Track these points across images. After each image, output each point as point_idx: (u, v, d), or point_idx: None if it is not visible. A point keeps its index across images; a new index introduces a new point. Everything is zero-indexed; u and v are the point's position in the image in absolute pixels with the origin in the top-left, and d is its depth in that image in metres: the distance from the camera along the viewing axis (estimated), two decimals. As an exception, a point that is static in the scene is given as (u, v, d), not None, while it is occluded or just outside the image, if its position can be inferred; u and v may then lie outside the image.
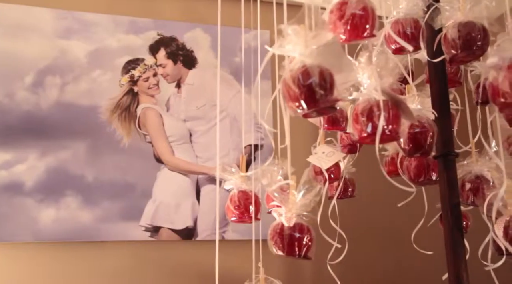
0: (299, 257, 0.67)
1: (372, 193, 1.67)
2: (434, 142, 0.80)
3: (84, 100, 1.68)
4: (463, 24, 0.72)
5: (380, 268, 1.81)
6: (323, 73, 0.55)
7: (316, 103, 0.55)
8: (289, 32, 0.56)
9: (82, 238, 1.57)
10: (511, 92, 0.57)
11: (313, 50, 0.57)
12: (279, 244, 0.68)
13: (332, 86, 0.56)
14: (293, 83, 0.55)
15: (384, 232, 1.81)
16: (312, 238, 0.68)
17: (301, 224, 0.67)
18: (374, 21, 0.63)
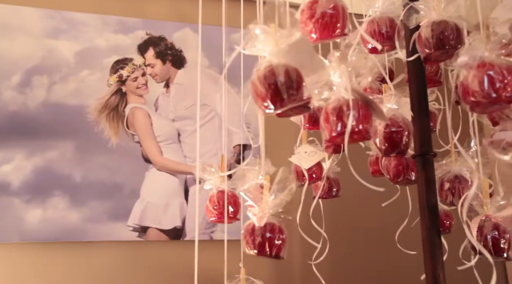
0: (270, 256, 0.67)
1: (358, 193, 1.67)
2: (410, 141, 0.80)
3: (72, 100, 1.67)
4: (436, 23, 0.72)
5: (368, 268, 1.80)
6: (289, 72, 0.54)
7: (283, 102, 0.54)
8: (256, 31, 0.56)
9: (69, 238, 1.57)
10: (481, 91, 0.57)
11: (280, 50, 0.56)
12: (250, 244, 0.68)
13: (299, 85, 0.55)
14: (259, 83, 0.55)
15: (372, 232, 1.81)
16: (284, 238, 0.68)
17: (272, 223, 0.67)
18: (345, 20, 0.63)
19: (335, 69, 0.62)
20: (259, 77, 0.55)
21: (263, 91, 0.55)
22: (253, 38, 0.59)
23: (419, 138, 0.84)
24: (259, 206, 0.69)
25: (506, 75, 0.56)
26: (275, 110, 0.55)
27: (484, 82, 0.56)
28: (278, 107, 0.55)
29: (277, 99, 0.54)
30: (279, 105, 0.54)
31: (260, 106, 0.57)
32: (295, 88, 0.55)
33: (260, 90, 0.55)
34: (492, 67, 0.56)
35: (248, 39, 0.60)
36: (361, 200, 1.75)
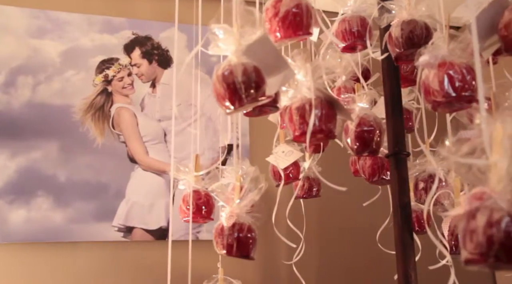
0: (239, 256, 0.66)
1: (340, 192, 1.67)
2: (382, 140, 0.79)
3: (56, 100, 1.67)
4: (406, 22, 0.72)
5: (352, 267, 1.80)
6: (247, 71, 0.54)
7: (241, 101, 0.54)
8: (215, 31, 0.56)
9: (53, 238, 1.56)
10: (440, 90, 0.56)
11: (240, 49, 0.56)
12: (219, 244, 0.67)
13: (259, 84, 0.55)
14: (218, 82, 0.55)
15: (355, 232, 1.81)
16: (253, 238, 0.67)
17: (241, 223, 0.67)
18: (309, 18, 0.63)
19: (300, 68, 0.62)
20: (218, 77, 0.55)
21: (221, 91, 0.54)
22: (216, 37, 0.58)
23: (392, 137, 0.83)
24: (229, 206, 0.69)
25: (466, 74, 0.56)
26: (234, 109, 0.55)
27: (444, 81, 0.56)
28: (237, 106, 0.54)
29: (235, 99, 0.54)
30: (238, 104, 0.54)
31: (221, 105, 0.57)
32: (254, 87, 0.54)
33: (219, 90, 0.55)
34: (452, 67, 0.56)
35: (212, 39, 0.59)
36: (344, 200, 1.75)
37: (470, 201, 0.42)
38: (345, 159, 1.20)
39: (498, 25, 0.53)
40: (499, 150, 0.42)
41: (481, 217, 0.40)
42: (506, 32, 0.52)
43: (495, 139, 0.42)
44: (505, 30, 0.52)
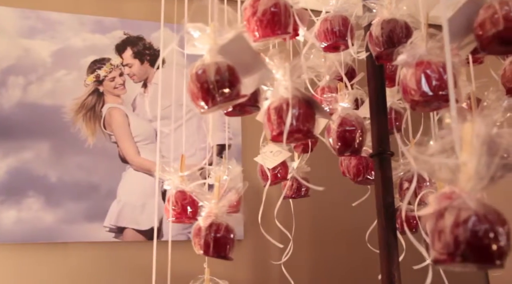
0: (216, 257, 0.66)
1: (330, 192, 1.67)
2: (364, 140, 0.79)
3: (48, 100, 1.66)
4: (386, 21, 0.71)
5: (346, 268, 1.80)
6: (220, 70, 0.54)
7: (214, 101, 0.54)
8: (190, 30, 0.55)
9: (44, 239, 1.56)
10: (418, 89, 0.56)
11: (215, 48, 0.56)
12: (197, 245, 0.67)
13: (232, 83, 0.55)
14: (192, 82, 0.54)
15: (345, 232, 1.80)
16: (230, 238, 0.67)
17: (218, 223, 0.66)
18: (287, 18, 0.62)
19: (278, 68, 0.62)
20: (192, 76, 0.55)
21: (195, 90, 0.54)
22: (191, 36, 0.58)
23: (376, 137, 0.83)
24: (207, 206, 0.69)
25: (443, 73, 0.55)
26: (208, 109, 0.55)
27: (421, 80, 0.55)
28: (211, 106, 0.54)
29: (208, 98, 0.54)
30: (211, 104, 0.54)
31: (196, 105, 0.57)
32: (227, 86, 0.54)
33: (193, 89, 0.54)
34: (429, 66, 0.56)
35: (188, 38, 0.59)
36: (336, 200, 1.75)
37: (439, 201, 0.42)
38: (336, 159, 1.20)
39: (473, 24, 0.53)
40: (469, 149, 0.42)
41: (449, 217, 0.40)
42: (481, 31, 0.52)
43: (465, 139, 0.42)
44: (480, 29, 0.52)
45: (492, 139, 0.41)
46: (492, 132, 0.41)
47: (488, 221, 0.39)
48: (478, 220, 0.39)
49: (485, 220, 0.39)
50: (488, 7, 0.52)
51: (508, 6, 0.50)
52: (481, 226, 0.39)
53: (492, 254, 0.38)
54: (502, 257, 0.39)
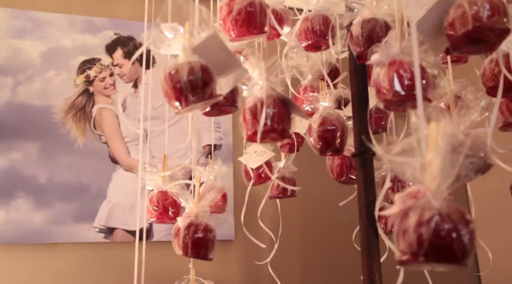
0: (195, 257, 0.66)
1: (318, 192, 1.67)
2: (345, 140, 0.79)
3: (37, 100, 1.66)
4: (366, 21, 0.71)
5: (337, 267, 1.80)
6: (193, 70, 0.54)
7: (187, 101, 0.54)
8: (163, 30, 0.55)
9: (33, 240, 1.55)
10: (390, 88, 0.56)
11: (189, 48, 0.56)
12: (176, 245, 0.67)
13: (206, 83, 0.55)
14: (165, 81, 0.54)
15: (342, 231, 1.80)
16: (209, 238, 0.67)
17: (197, 224, 0.66)
18: (263, 17, 0.62)
19: (254, 67, 0.61)
20: (165, 76, 0.55)
21: (168, 90, 0.54)
22: (165, 36, 0.58)
23: (358, 136, 0.83)
24: (186, 206, 0.68)
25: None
26: (182, 109, 0.55)
27: (394, 80, 0.55)
28: (184, 105, 0.54)
29: (181, 98, 0.54)
30: (185, 104, 0.54)
31: (171, 105, 0.56)
32: (200, 86, 0.54)
33: (166, 89, 0.54)
34: (402, 65, 0.56)
35: (163, 38, 0.59)
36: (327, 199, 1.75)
37: (404, 200, 0.42)
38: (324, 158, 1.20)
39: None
40: (434, 148, 0.41)
41: (413, 216, 0.40)
42: (452, 30, 0.52)
43: (431, 138, 0.42)
44: (450, 29, 0.52)
45: (457, 138, 0.41)
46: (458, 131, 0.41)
47: (451, 221, 0.39)
48: (441, 220, 0.39)
49: (448, 220, 0.39)
50: (458, 6, 0.52)
51: (477, 6, 0.50)
52: (444, 225, 0.39)
53: (455, 253, 0.38)
54: (465, 256, 0.39)
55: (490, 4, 0.50)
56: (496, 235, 1.76)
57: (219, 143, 1.81)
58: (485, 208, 1.85)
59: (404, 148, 0.42)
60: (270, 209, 1.41)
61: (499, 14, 0.50)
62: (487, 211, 1.79)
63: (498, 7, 0.50)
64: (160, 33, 0.57)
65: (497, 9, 0.50)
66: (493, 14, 0.50)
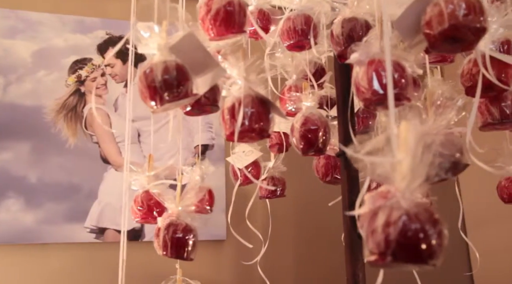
0: (175, 257, 0.66)
1: (310, 192, 1.67)
2: (327, 139, 0.79)
3: (28, 100, 1.65)
4: (347, 20, 0.71)
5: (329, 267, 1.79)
6: (168, 69, 0.53)
7: (162, 100, 0.53)
8: (139, 29, 0.55)
9: (24, 240, 1.55)
10: (369, 88, 0.56)
11: (166, 47, 0.55)
12: (157, 245, 0.67)
13: (181, 83, 0.54)
14: (140, 81, 0.54)
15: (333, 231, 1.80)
16: (189, 238, 0.67)
17: (176, 224, 0.66)
18: (242, 16, 0.62)
19: (233, 66, 0.61)
20: (140, 76, 0.54)
21: (143, 90, 0.54)
22: (143, 35, 0.58)
23: (343, 136, 0.83)
24: (168, 207, 0.68)
25: (394, 72, 0.55)
26: (157, 108, 0.54)
27: (373, 79, 0.55)
28: (159, 105, 0.54)
29: (156, 98, 0.53)
30: (159, 103, 0.53)
31: (147, 104, 0.56)
32: (175, 85, 0.54)
33: (141, 89, 0.54)
34: (381, 64, 0.55)
35: (140, 37, 0.59)
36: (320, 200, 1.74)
37: (374, 200, 0.41)
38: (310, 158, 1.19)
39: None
40: (404, 148, 0.41)
41: (381, 216, 0.39)
42: (428, 29, 0.52)
43: (400, 137, 0.41)
44: (427, 28, 0.52)
45: (427, 138, 0.41)
46: (429, 131, 0.41)
47: (419, 221, 0.38)
48: (408, 220, 0.38)
49: (416, 220, 0.38)
50: (435, 5, 0.51)
51: (453, 4, 0.50)
52: (411, 225, 0.38)
53: (422, 253, 0.38)
54: (433, 256, 0.38)
55: (466, 3, 0.50)
56: (488, 235, 1.76)
57: (211, 143, 1.81)
58: (476, 208, 1.85)
59: (374, 148, 0.42)
60: (263, 209, 1.41)
61: (475, 12, 0.50)
62: (478, 211, 1.79)
63: (474, 6, 0.50)
64: (137, 33, 0.57)
65: (473, 8, 0.50)
66: (469, 12, 0.50)
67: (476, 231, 1.82)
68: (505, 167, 0.91)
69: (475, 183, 1.40)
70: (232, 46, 0.79)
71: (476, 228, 1.83)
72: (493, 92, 0.67)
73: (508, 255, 1.69)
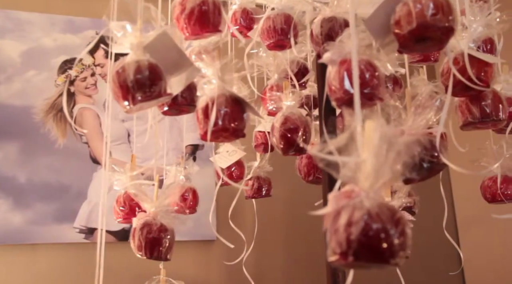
0: (150, 258, 0.65)
1: (293, 192, 1.67)
2: (308, 138, 0.79)
3: (17, 100, 1.65)
4: (326, 19, 0.71)
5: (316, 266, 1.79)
6: (140, 69, 0.53)
7: (134, 100, 0.53)
8: (113, 29, 0.55)
9: (12, 241, 1.54)
10: (340, 87, 0.56)
11: (140, 47, 0.55)
12: (132, 246, 0.66)
13: (153, 82, 0.54)
14: (113, 81, 0.54)
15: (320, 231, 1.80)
16: (163, 238, 0.66)
17: (150, 224, 0.66)
18: (217, 15, 0.62)
19: (208, 66, 0.61)
20: (113, 75, 0.54)
21: (116, 90, 0.54)
22: (117, 34, 0.58)
23: (324, 136, 0.83)
24: (144, 207, 0.68)
25: (365, 71, 0.55)
26: (130, 108, 0.54)
27: (344, 78, 0.55)
28: (132, 105, 0.54)
29: (128, 97, 0.53)
30: (132, 103, 0.53)
31: (120, 104, 0.56)
32: (148, 85, 0.53)
33: (114, 88, 0.54)
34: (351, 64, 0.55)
35: (115, 37, 0.59)
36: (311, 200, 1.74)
37: (337, 200, 0.41)
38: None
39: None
40: (368, 147, 0.41)
41: (344, 216, 0.39)
42: (398, 29, 0.52)
43: (365, 136, 0.41)
44: (396, 27, 0.52)
45: (391, 137, 0.41)
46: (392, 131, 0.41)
47: (380, 220, 0.38)
48: (370, 219, 0.38)
49: (378, 219, 0.38)
50: (403, 4, 0.51)
51: (421, 4, 0.50)
52: (373, 225, 0.38)
53: (383, 253, 0.38)
54: (395, 256, 0.38)
55: (434, 3, 0.50)
56: (480, 233, 1.76)
57: (201, 143, 1.81)
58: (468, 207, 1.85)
59: (338, 147, 0.42)
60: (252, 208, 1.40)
61: (443, 12, 0.50)
62: (470, 210, 1.80)
63: (442, 5, 0.50)
64: (111, 32, 0.57)
65: (441, 7, 0.50)
66: (437, 12, 0.50)
67: (467, 230, 1.82)
68: (488, 167, 0.91)
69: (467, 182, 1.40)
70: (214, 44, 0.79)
71: (468, 227, 1.84)
72: (473, 91, 0.67)
73: (499, 254, 1.70)
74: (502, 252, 1.69)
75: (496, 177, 0.86)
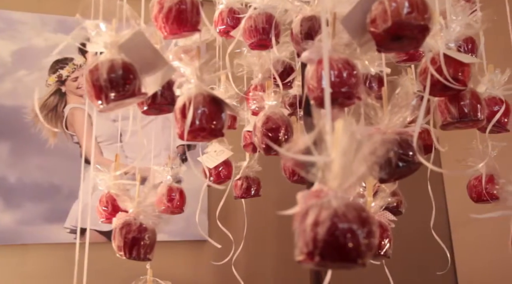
0: (130, 258, 0.65)
1: (283, 191, 1.67)
2: (289, 138, 0.78)
3: (7, 100, 1.65)
4: (306, 18, 0.71)
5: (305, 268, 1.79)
6: (113, 68, 0.53)
7: (107, 99, 0.53)
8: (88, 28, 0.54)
9: (3, 241, 1.54)
10: (318, 86, 0.55)
11: (114, 46, 0.55)
12: (114, 246, 0.66)
13: (127, 81, 0.54)
14: (86, 80, 0.53)
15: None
16: (142, 239, 0.66)
17: (130, 224, 0.65)
18: (195, 14, 0.61)
19: (186, 66, 0.61)
20: (86, 74, 0.54)
21: (89, 88, 0.53)
22: (93, 33, 0.57)
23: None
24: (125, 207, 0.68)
25: (343, 70, 0.54)
26: (104, 107, 0.54)
27: (321, 77, 0.55)
28: (105, 104, 0.53)
29: (101, 96, 0.53)
30: (105, 102, 0.53)
31: (93, 103, 0.56)
32: (121, 84, 0.53)
33: (87, 87, 0.54)
34: (330, 62, 0.55)
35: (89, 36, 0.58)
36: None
37: (306, 199, 0.41)
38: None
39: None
40: (336, 147, 0.41)
41: (311, 216, 0.39)
42: (374, 27, 0.51)
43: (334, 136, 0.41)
44: (372, 26, 0.51)
45: (361, 137, 0.40)
46: (362, 130, 0.41)
47: (347, 220, 0.38)
48: (337, 219, 0.38)
49: (344, 219, 0.38)
50: (379, 3, 0.51)
51: (396, 3, 0.50)
52: (339, 225, 0.38)
53: (349, 253, 0.38)
54: (362, 256, 0.38)
55: (409, 1, 0.50)
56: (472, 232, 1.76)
57: (194, 143, 1.80)
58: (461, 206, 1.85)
59: (306, 146, 0.42)
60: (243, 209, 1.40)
61: (418, 11, 0.49)
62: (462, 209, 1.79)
63: (417, 4, 0.50)
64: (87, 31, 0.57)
65: (416, 6, 0.49)
66: (412, 11, 0.49)
67: (460, 230, 1.82)
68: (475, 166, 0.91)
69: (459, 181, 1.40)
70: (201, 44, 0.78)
71: (460, 227, 1.83)
72: (452, 91, 0.67)
73: (492, 253, 1.69)
74: (494, 251, 1.69)
75: (481, 177, 0.86)
